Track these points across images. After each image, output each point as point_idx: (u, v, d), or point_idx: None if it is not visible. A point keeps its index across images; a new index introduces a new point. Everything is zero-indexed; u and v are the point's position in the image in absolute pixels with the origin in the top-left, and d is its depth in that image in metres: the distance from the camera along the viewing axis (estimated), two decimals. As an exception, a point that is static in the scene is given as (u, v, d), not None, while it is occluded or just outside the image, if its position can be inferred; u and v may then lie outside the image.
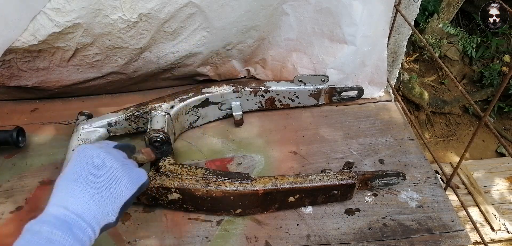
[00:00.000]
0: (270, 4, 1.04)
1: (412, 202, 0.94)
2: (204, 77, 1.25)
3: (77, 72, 1.08)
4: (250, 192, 0.85)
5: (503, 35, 3.81)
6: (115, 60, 1.05)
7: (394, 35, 1.29)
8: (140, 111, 1.02)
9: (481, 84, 3.74)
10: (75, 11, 0.88)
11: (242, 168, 1.02)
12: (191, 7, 0.95)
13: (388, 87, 1.29)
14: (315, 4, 1.07)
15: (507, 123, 3.69)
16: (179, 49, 1.07)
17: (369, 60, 1.17)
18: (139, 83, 1.22)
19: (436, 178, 1.00)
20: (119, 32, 0.95)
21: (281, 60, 1.21)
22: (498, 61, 3.82)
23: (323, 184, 0.87)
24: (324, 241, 0.85)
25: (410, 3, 1.20)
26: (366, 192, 0.96)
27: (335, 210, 0.92)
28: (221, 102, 1.11)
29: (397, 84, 3.37)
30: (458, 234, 0.87)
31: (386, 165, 1.03)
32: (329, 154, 1.06)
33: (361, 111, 1.20)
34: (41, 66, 1.04)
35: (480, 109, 0.90)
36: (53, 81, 1.11)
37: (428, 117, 3.66)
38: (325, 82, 1.14)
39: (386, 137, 1.11)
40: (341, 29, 1.10)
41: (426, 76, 3.93)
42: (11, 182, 0.96)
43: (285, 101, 1.17)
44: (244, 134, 1.12)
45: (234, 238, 0.86)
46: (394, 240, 0.86)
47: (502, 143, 0.84)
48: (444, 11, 3.55)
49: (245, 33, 1.09)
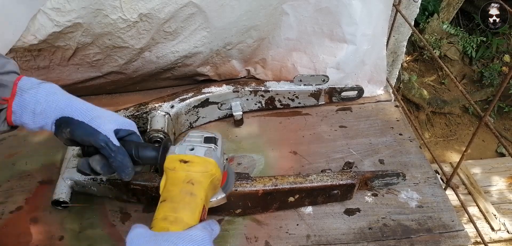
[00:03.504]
0: (270, 4, 1.04)
1: (412, 202, 0.94)
2: (204, 77, 1.25)
3: (77, 71, 1.08)
4: (250, 192, 0.85)
5: (503, 35, 3.81)
6: (115, 59, 1.05)
7: (394, 35, 1.29)
8: (140, 111, 1.02)
9: (481, 84, 3.74)
10: (75, 11, 0.88)
11: (242, 168, 1.02)
12: (191, 7, 0.95)
13: (388, 87, 1.29)
14: (315, 4, 1.07)
15: (507, 123, 3.69)
16: (179, 49, 1.07)
17: (369, 58, 1.17)
18: (139, 83, 1.22)
19: (436, 178, 1.00)
20: (119, 32, 0.95)
21: (281, 60, 1.21)
22: (498, 61, 3.82)
23: (323, 184, 0.87)
24: (324, 241, 0.85)
25: (410, 3, 1.20)
26: (366, 192, 0.95)
27: (335, 210, 0.92)
28: (221, 102, 1.11)
29: (397, 84, 3.37)
30: (458, 234, 0.87)
31: (386, 165, 1.03)
32: (329, 154, 1.06)
33: (361, 111, 1.20)
34: (42, 65, 1.04)
35: (480, 109, 0.90)
36: (53, 80, 1.10)
37: (428, 117, 3.66)
38: (325, 82, 1.14)
39: (386, 137, 1.11)
40: (341, 28, 1.10)
41: (426, 76, 3.93)
42: (11, 182, 0.96)
43: (285, 101, 1.17)
44: (244, 134, 1.12)
45: (234, 238, 0.86)
46: (394, 240, 0.86)
47: (502, 143, 0.84)
48: (444, 11, 3.56)
49: (245, 33, 1.09)
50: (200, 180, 0.65)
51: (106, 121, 0.67)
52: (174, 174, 0.66)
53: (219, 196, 0.74)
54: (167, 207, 0.62)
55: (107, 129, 0.66)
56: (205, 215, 0.65)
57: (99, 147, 0.65)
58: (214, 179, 0.67)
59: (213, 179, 0.67)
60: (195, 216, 0.61)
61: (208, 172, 0.66)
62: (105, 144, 0.65)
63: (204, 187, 0.65)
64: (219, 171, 0.69)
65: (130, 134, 0.71)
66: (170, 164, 0.67)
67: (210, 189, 0.68)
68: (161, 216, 0.60)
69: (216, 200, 0.73)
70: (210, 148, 0.69)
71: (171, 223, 0.59)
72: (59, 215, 0.88)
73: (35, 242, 0.84)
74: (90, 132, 0.65)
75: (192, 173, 0.65)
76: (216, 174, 0.67)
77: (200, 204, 0.63)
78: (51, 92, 0.68)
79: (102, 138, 0.65)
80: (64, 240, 0.84)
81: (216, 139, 0.72)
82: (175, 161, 0.67)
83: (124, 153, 0.67)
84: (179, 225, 0.59)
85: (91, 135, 0.65)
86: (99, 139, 0.65)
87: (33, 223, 0.87)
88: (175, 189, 0.64)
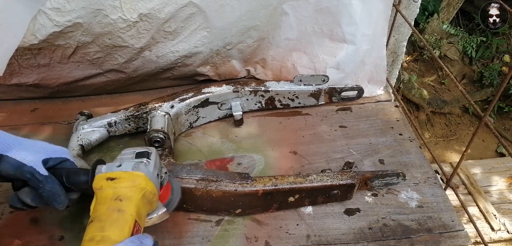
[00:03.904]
0: (270, 4, 1.04)
1: (412, 202, 0.94)
2: (204, 77, 1.25)
3: (78, 69, 1.08)
4: (250, 192, 0.84)
5: (503, 35, 3.81)
6: (115, 58, 1.06)
7: (394, 35, 1.29)
8: (140, 111, 1.02)
9: (481, 84, 3.74)
10: (75, 11, 0.88)
11: (242, 168, 1.02)
12: (191, 7, 0.95)
13: (388, 87, 1.29)
14: (315, 4, 1.07)
15: (507, 122, 3.69)
16: (179, 49, 1.07)
17: (369, 58, 1.17)
18: (139, 83, 1.22)
19: (436, 178, 1.00)
20: (119, 32, 0.95)
21: (281, 60, 1.21)
22: (498, 61, 3.82)
23: (323, 184, 0.87)
24: (324, 241, 0.85)
25: (410, 3, 1.20)
26: (366, 192, 0.95)
27: (335, 210, 0.92)
28: (221, 102, 1.11)
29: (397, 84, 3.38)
30: (458, 234, 0.87)
31: (386, 165, 1.03)
32: (329, 154, 1.06)
33: (361, 111, 1.20)
34: (42, 63, 1.04)
35: (480, 109, 0.90)
36: (54, 78, 1.11)
37: (428, 117, 3.66)
38: (325, 82, 1.14)
39: (386, 137, 1.11)
40: (341, 28, 1.10)
41: (426, 76, 3.93)
42: (11, 181, 0.96)
43: (285, 101, 1.17)
44: (244, 134, 1.12)
45: (234, 238, 0.86)
46: (394, 240, 0.86)
47: (502, 143, 0.84)
48: (444, 11, 3.56)
49: (245, 33, 1.09)
50: (128, 195, 0.63)
51: (32, 152, 0.66)
52: (102, 193, 0.64)
53: (160, 211, 0.72)
54: (94, 227, 0.60)
55: (32, 159, 0.65)
56: (139, 231, 0.63)
57: (25, 179, 0.64)
58: (146, 192, 0.65)
59: (144, 192, 0.65)
60: (124, 232, 0.59)
61: (136, 186, 0.64)
62: (31, 175, 0.64)
63: (133, 202, 0.63)
64: (151, 184, 0.66)
65: (62, 161, 0.69)
66: (97, 184, 0.65)
67: (143, 203, 0.65)
68: (88, 237, 0.58)
69: (157, 216, 0.71)
70: (140, 162, 0.67)
71: (97, 243, 0.57)
72: (59, 215, 0.88)
73: (35, 242, 0.84)
74: (15, 165, 0.64)
75: (119, 189, 0.63)
76: (146, 187, 0.65)
77: (130, 220, 0.61)
78: None
79: (27, 169, 0.64)
80: (64, 240, 0.84)
81: (149, 153, 0.70)
82: (102, 180, 0.65)
83: (53, 182, 0.66)
84: (106, 243, 0.57)
85: (16, 168, 0.64)
86: (24, 170, 0.64)
87: (33, 223, 0.87)
88: (102, 208, 0.62)
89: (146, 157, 0.69)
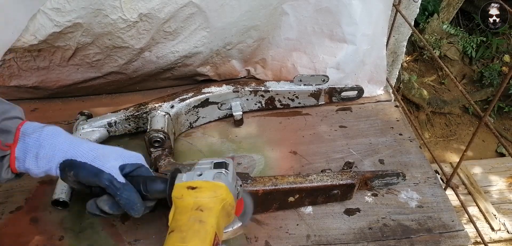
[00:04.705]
0: (270, 4, 1.04)
1: (412, 202, 0.94)
2: (204, 77, 1.25)
3: (77, 71, 1.08)
4: (250, 192, 0.84)
5: (503, 35, 3.81)
6: (115, 59, 1.05)
7: (394, 35, 1.29)
8: (140, 111, 1.02)
9: (481, 84, 3.74)
10: (75, 11, 0.88)
11: (242, 168, 1.02)
12: (191, 7, 0.95)
13: (388, 87, 1.29)
14: (315, 4, 1.07)
15: (507, 122, 3.69)
16: (179, 49, 1.07)
17: (369, 58, 1.17)
18: (139, 83, 1.22)
19: (436, 178, 1.00)
20: (119, 32, 0.95)
21: (281, 60, 1.21)
22: (498, 61, 3.82)
23: (323, 184, 0.87)
24: (324, 241, 0.85)
25: (410, 3, 1.20)
26: (366, 192, 0.95)
27: (335, 210, 0.92)
28: (221, 102, 1.11)
29: (397, 84, 3.37)
30: (458, 234, 0.87)
31: (386, 165, 1.03)
32: (329, 154, 1.06)
33: (361, 111, 1.20)
34: (42, 65, 1.04)
35: (480, 109, 0.90)
36: (53, 81, 1.11)
37: (428, 117, 3.66)
38: (325, 82, 1.14)
39: (386, 137, 1.11)
40: (341, 28, 1.10)
41: (426, 76, 3.93)
42: (11, 182, 0.96)
43: (285, 101, 1.17)
44: (244, 134, 1.12)
45: (234, 238, 0.86)
46: (394, 240, 0.86)
47: (502, 143, 0.84)
48: (444, 11, 3.56)
49: (245, 33, 1.09)
50: (209, 205, 0.61)
51: (110, 158, 0.65)
52: (182, 202, 0.62)
53: (236, 225, 0.70)
54: (175, 237, 0.58)
55: (110, 166, 0.64)
56: (218, 244, 0.61)
57: (104, 186, 0.64)
58: (225, 204, 0.63)
59: (224, 204, 0.63)
60: (206, 244, 0.58)
61: (217, 196, 0.62)
62: (109, 182, 0.63)
63: (214, 213, 0.61)
64: (231, 195, 0.65)
65: (138, 167, 0.69)
66: (177, 192, 0.63)
67: (223, 215, 0.63)
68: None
69: (233, 230, 0.70)
70: (220, 172, 0.66)
71: None
72: (59, 215, 0.88)
73: (35, 242, 0.84)
74: (94, 172, 0.63)
75: (200, 199, 0.62)
76: (227, 198, 0.63)
77: (211, 232, 0.59)
78: (54, 134, 0.66)
79: (106, 176, 0.63)
80: (64, 240, 0.84)
81: (227, 164, 0.68)
82: (182, 189, 0.63)
83: (130, 189, 0.65)
84: None
85: (95, 175, 0.63)
86: (103, 178, 0.63)
87: (33, 223, 0.87)
88: (183, 218, 0.60)
89: (224, 168, 0.67)
